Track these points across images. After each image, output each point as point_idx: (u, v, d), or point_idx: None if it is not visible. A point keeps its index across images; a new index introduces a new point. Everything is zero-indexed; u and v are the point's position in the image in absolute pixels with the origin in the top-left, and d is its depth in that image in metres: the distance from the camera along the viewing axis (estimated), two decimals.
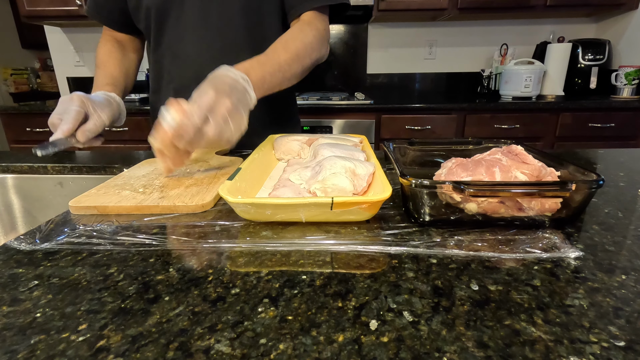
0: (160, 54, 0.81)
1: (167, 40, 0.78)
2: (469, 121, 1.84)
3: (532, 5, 1.92)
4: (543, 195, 0.37)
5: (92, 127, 0.61)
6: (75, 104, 0.61)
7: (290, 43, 0.67)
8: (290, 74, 0.66)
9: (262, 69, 0.60)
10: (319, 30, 0.72)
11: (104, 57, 0.81)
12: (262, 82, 0.59)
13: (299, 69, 0.68)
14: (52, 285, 0.31)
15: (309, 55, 0.69)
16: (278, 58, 0.63)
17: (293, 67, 0.66)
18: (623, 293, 0.28)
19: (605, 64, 2.02)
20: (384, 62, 2.34)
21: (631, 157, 0.69)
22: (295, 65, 0.66)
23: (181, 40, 0.77)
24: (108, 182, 0.55)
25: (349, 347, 0.24)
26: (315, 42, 0.70)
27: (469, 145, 0.60)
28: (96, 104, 0.64)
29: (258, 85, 0.57)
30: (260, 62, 0.61)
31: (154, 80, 0.85)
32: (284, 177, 0.53)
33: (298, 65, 0.67)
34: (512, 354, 0.23)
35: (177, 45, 0.78)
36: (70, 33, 2.37)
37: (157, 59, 0.82)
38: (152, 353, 0.23)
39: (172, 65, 0.80)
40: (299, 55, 0.67)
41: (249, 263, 0.34)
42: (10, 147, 1.99)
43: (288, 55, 0.65)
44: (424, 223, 0.41)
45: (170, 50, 0.79)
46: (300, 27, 0.71)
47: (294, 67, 0.66)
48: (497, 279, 0.30)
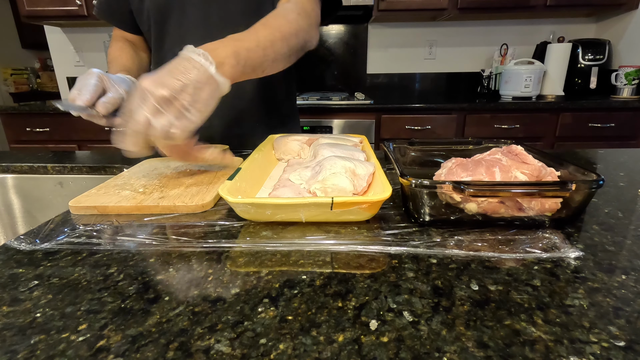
0: (162, 56, 0.81)
1: (169, 42, 0.79)
2: (469, 121, 1.84)
3: (532, 5, 1.92)
4: (543, 195, 0.37)
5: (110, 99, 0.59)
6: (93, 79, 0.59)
7: (270, 19, 0.61)
8: (273, 52, 0.57)
9: (234, 43, 0.52)
10: (305, 10, 0.66)
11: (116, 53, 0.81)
12: (236, 58, 0.51)
13: (284, 48, 0.60)
14: (52, 285, 0.31)
15: (294, 34, 0.61)
16: (256, 34, 0.56)
17: (276, 45, 0.58)
18: (623, 293, 0.28)
19: (605, 64, 2.02)
20: (384, 62, 2.34)
21: (631, 157, 0.69)
22: (278, 42, 0.58)
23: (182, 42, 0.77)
24: (108, 182, 0.55)
25: (349, 347, 0.24)
26: (301, 20, 0.64)
27: (469, 145, 0.60)
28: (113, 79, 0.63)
29: (230, 62, 0.50)
30: (234, 38, 0.54)
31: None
32: (284, 177, 0.53)
33: (282, 44, 0.59)
34: (512, 354, 0.23)
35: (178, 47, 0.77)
36: (70, 33, 2.37)
37: (159, 61, 0.82)
38: (152, 353, 0.23)
39: None
40: (282, 31, 0.59)
41: (249, 263, 0.34)
42: (10, 147, 1.99)
43: (268, 31, 0.58)
44: (424, 223, 0.41)
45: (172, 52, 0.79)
46: (283, 6, 0.65)
47: (278, 45, 0.58)
48: (497, 279, 0.30)
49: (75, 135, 1.94)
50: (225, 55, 0.50)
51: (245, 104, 0.83)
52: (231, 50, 0.51)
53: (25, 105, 1.94)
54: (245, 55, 0.52)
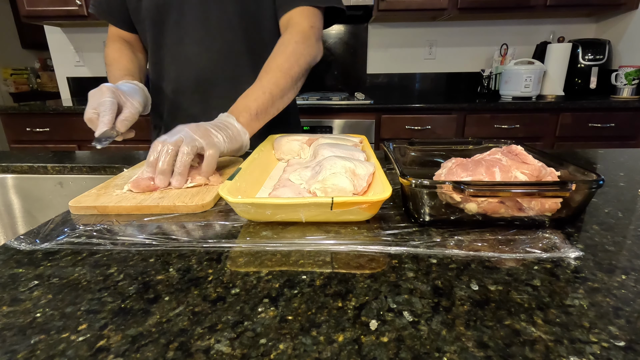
0: (160, 56, 0.81)
1: (167, 42, 0.78)
2: (469, 121, 1.84)
3: (532, 5, 1.92)
4: (543, 195, 0.37)
5: (129, 116, 0.62)
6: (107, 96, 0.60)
7: (271, 62, 0.68)
8: (280, 91, 0.66)
9: (244, 100, 0.63)
10: (302, 32, 0.71)
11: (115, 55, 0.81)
12: (248, 111, 0.61)
13: (288, 83, 0.68)
14: (52, 285, 0.31)
15: (295, 64, 0.68)
16: (261, 83, 0.65)
17: (280, 84, 0.66)
18: (623, 293, 0.28)
19: (605, 64, 2.02)
20: (384, 62, 2.34)
21: (631, 157, 0.69)
22: (282, 81, 0.66)
23: (181, 43, 0.77)
24: (108, 182, 0.55)
25: (349, 347, 0.24)
26: (298, 48, 0.69)
27: (469, 145, 0.60)
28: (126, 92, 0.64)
29: (244, 116, 0.61)
30: (243, 96, 0.64)
31: (154, 81, 0.85)
32: (284, 177, 0.53)
33: (286, 80, 0.67)
34: (512, 354, 0.23)
35: (176, 47, 0.78)
36: (70, 33, 2.37)
37: (157, 61, 0.82)
38: (152, 353, 0.23)
39: (171, 67, 0.80)
40: (283, 69, 0.67)
41: (249, 263, 0.34)
42: (10, 147, 1.99)
43: (270, 75, 0.66)
44: (424, 223, 0.41)
45: (170, 52, 0.79)
46: (281, 40, 0.71)
47: (282, 83, 0.66)
48: (497, 279, 0.30)
49: (75, 135, 1.94)
50: (239, 112, 0.61)
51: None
52: (242, 106, 0.62)
53: (25, 105, 1.94)
54: (255, 105, 0.63)
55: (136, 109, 0.64)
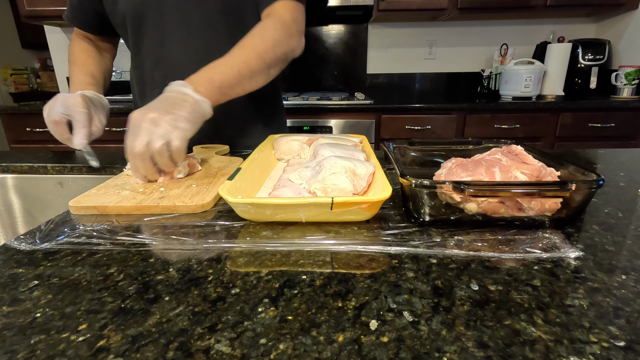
0: (142, 59, 0.80)
1: (148, 45, 0.77)
2: (469, 121, 1.84)
3: (532, 5, 1.92)
4: (543, 195, 0.37)
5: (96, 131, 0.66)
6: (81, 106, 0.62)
7: (246, 41, 0.65)
8: (249, 71, 0.62)
9: (209, 71, 0.59)
10: (283, 22, 0.69)
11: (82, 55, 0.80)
12: (210, 82, 0.57)
13: (260, 66, 0.64)
14: (52, 285, 0.31)
15: (271, 50, 0.65)
16: (230, 58, 0.62)
17: (251, 64, 0.62)
18: (623, 293, 0.28)
19: (605, 64, 2.02)
20: (384, 62, 2.34)
21: (631, 157, 0.69)
22: (253, 61, 0.63)
23: (162, 45, 0.76)
24: (108, 182, 0.55)
25: (349, 347, 0.24)
26: (277, 34, 0.67)
27: (469, 145, 0.60)
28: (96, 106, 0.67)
29: (205, 85, 0.57)
30: (210, 66, 0.60)
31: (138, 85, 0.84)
32: (284, 177, 0.53)
33: (258, 62, 0.63)
34: (512, 354, 0.23)
35: (158, 49, 0.77)
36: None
37: (139, 65, 0.81)
38: (152, 353, 0.23)
39: (155, 70, 0.79)
40: (257, 51, 0.63)
41: (249, 263, 0.34)
42: (10, 147, 1.99)
43: (242, 52, 0.63)
44: (424, 223, 0.41)
45: (152, 55, 0.78)
46: (261, 24, 0.69)
47: (253, 63, 0.63)
48: (497, 279, 0.30)
49: None
50: (200, 82, 0.57)
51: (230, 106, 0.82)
52: (205, 76, 0.58)
53: (25, 105, 1.94)
54: (220, 78, 0.59)
55: (103, 124, 0.68)
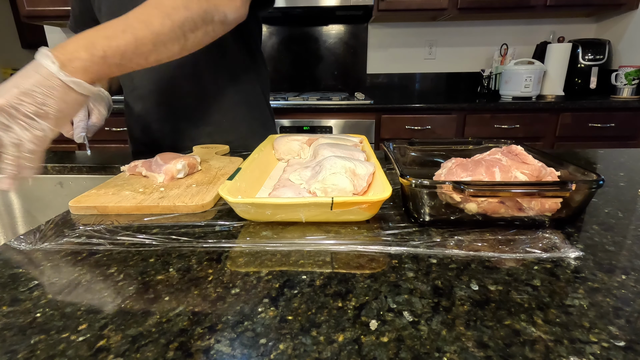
0: None
1: None
2: (469, 121, 1.84)
3: (532, 5, 1.92)
4: (543, 195, 0.37)
5: (96, 122, 0.67)
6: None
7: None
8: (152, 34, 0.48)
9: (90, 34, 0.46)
10: None
11: None
12: (90, 50, 0.44)
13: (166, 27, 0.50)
14: (52, 285, 0.31)
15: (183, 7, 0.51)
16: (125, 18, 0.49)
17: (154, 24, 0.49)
18: (623, 293, 0.28)
19: (605, 64, 2.02)
20: (384, 62, 2.34)
21: (631, 157, 0.69)
22: (157, 20, 0.49)
23: None
24: (108, 182, 0.55)
25: (349, 347, 0.24)
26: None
27: (469, 145, 0.60)
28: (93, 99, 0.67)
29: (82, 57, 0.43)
30: (94, 28, 0.47)
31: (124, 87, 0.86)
32: (284, 177, 0.53)
33: (163, 22, 0.49)
34: (512, 354, 0.23)
35: None
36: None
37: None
38: (152, 353, 0.23)
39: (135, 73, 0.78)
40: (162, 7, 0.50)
41: (249, 263, 0.34)
42: None
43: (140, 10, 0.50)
44: (424, 223, 0.41)
45: None
46: None
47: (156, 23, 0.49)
48: (497, 279, 0.30)
49: None
50: (74, 50, 0.42)
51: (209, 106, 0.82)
52: (82, 42, 0.44)
53: None
54: (105, 44, 0.45)
55: (103, 115, 0.69)
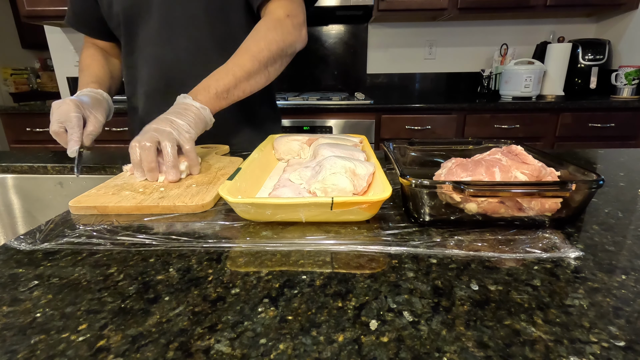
0: (134, 60, 0.81)
1: (139, 45, 0.79)
2: (469, 121, 1.84)
3: (532, 5, 1.92)
4: (543, 195, 0.37)
5: (93, 130, 0.66)
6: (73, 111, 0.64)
7: (241, 45, 0.67)
8: (244, 72, 0.65)
9: (205, 81, 0.63)
10: (277, 20, 0.70)
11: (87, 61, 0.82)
12: (206, 89, 0.62)
13: (255, 65, 0.66)
14: (52, 285, 0.31)
15: (265, 49, 0.67)
16: (225, 65, 0.65)
17: (246, 66, 0.65)
18: (623, 293, 0.28)
19: (605, 64, 2.02)
20: (384, 62, 2.34)
21: (631, 157, 0.69)
22: (248, 63, 0.65)
23: (150, 44, 0.78)
24: (108, 182, 0.55)
25: (349, 347, 0.24)
26: (270, 33, 0.68)
27: (469, 145, 0.60)
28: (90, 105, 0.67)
29: (203, 94, 0.61)
30: (209, 76, 0.64)
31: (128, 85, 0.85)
32: (284, 177, 0.53)
33: (252, 63, 0.66)
34: (512, 354, 0.23)
35: (146, 49, 0.78)
36: (70, 33, 2.37)
37: (131, 64, 0.82)
38: (152, 353, 0.23)
39: (143, 70, 0.80)
40: (250, 52, 0.66)
41: (249, 263, 0.34)
42: (10, 147, 1.99)
43: (236, 57, 0.66)
44: (424, 223, 0.41)
45: (141, 55, 0.79)
46: (255, 26, 0.70)
47: (247, 65, 0.65)
48: (497, 279, 0.30)
49: None
50: (198, 91, 0.62)
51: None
52: (202, 86, 0.63)
53: (25, 105, 1.94)
54: (216, 84, 0.63)
55: (100, 122, 0.68)
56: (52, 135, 0.64)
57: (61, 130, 0.64)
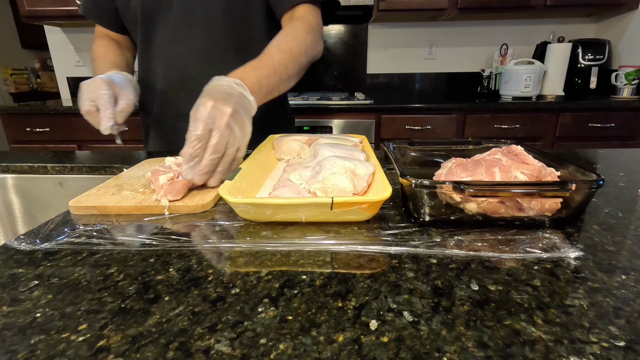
0: (150, 56, 0.81)
1: (155, 41, 0.79)
2: (469, 121, 1.84)
3: (532, 5, 1.92)
4: (543, 195, 0.37)
5: (125, 107, 0.63)
6: (103, 88, 0.61)
7: (283, 43, 0.66)
8: (287, 75, 0.64)
9: (256, 73, 0.59)
10: (311, 26, 0.71)
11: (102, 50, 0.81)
12: (259, 87, 0.58)
13: (295, 69, 0.66)
14: (52, 285, 0.31)
15: (304, 53, 0.67)
16: (272, 60, 0.62)
17: (289, 68, 0.64)
18: (623, 293, 0.28)
19: (605, 64, 2.02)
20: (384, 62, 2.34)
21: (631, 157, 0.69)
22: (290, 65, 0.65)
23: (167, 41, 0.78)
24: (108, 182, 0.55)
25: (349, 347, 0.24)
26: (308, 38, 0.69)
27: (469, 145, 0.60)
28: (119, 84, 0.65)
29: (255, 90, 0.56)
30: (254, 67, 0.60)
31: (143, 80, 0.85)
32: (284, 177, 0.53)
33: (294, 65, 0.65)
34: (512, 354, 0.23)
35: (163, 46, 0.78)
36: (70, 33, 2.37)
37: (146, 60, 0.82)
38: (152, 353, 0.23)
39: (159, 66, 0.80)
40: (293, 54, 0.65)
41: (249, 263, 0.34)
42: (10, 147, 1.99)
43: (282, 56, 0.64)
44: (424, 223, 0.41)
45: (158, 50, 0.79)
46: (292, 25, 0.70)
47: (290, 67, 0.65)
48: (497, 279, 0.30)
49: (75, 135, 1.94)
50: (251, 84, 0.56)
51: None
52: (255, 79, 0.58)
53: (25, 105, 1.94)
54: (266, 83, 0.60)
55: (131, 100, 0.65)
56: (84, 115, 0.62)
57: (93, 109, 0.61)
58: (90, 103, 0.61)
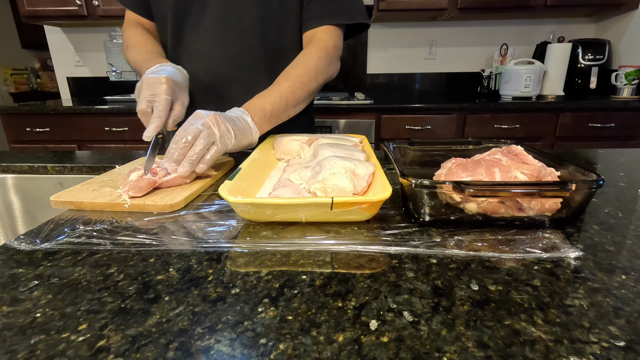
0: (179, 52, 0.80)
1: (187, 39, 0.78)
2: (469, 121, 1.84)
3: (532, 5, 1.92)
4: (543, 195, 0.37)
5: (178, 115, 0.62)
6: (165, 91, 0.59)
7: (292, 71, 0.70)
8: (295, 100, 0.68)
9: (261, 100, 0.64)
10: (326, 49, 0.73)
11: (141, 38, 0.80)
12: (262, 112, 0.62)
13: (304, 94, 0.70)
14: (52, 285, 0.31)
15: (314, 79, 0.71)
16: (279, 88, 0.67)
17: (297, 94, 0.68)
18: (623, 293, 0.28)
19: (605, 64, 2.02)
20: (384, 62, 2.34)
21: (631, 157, 0.69)
22: (299, 92, 0.68)
23: (200, 42, 0.78)
24: (95, 179, 0.55)
25: (349, 347, 0.24)
26: (320, 63, 0.71)
27: (469, 145, 0.60)
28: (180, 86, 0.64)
29: (258, 116, 0.62)
30: (260, 96, 0.65)
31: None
32: (284, 177, 0.53)
33: (302, 91, 0.69)
34: (512, 354, 0.23)
35: (195, 46, 0.78)
36: (70, 33, 2.37)
37: (175, 56, 0.81)
38: (152, 353, 0.23)
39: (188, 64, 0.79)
40: (302, 81, 0.69)
41: (249, 263, 0.34)
42: (10, 147, 1.99)
43: (290, 83, 0.68)
44: (424, 223, 0.41)
45: (188, 49, 0.79)
46: (305, 52, 0.73)
47: (298, 93, 0.68)
48: (497, 279, 0.30)
49: (75, 135, 1.93)
50: (254, 111, 0.62)
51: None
52: (259, 105, 0.63)
53: (25, 105, 1.94)
54: (270, 108, 0.64)
55: (185, 106, 0.64)
56: (139, 113, 0.60)
57: (148, 110, 0.58)
58: (147, 103, 0.58)
